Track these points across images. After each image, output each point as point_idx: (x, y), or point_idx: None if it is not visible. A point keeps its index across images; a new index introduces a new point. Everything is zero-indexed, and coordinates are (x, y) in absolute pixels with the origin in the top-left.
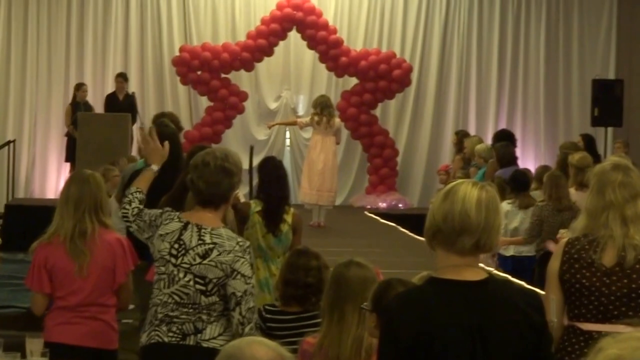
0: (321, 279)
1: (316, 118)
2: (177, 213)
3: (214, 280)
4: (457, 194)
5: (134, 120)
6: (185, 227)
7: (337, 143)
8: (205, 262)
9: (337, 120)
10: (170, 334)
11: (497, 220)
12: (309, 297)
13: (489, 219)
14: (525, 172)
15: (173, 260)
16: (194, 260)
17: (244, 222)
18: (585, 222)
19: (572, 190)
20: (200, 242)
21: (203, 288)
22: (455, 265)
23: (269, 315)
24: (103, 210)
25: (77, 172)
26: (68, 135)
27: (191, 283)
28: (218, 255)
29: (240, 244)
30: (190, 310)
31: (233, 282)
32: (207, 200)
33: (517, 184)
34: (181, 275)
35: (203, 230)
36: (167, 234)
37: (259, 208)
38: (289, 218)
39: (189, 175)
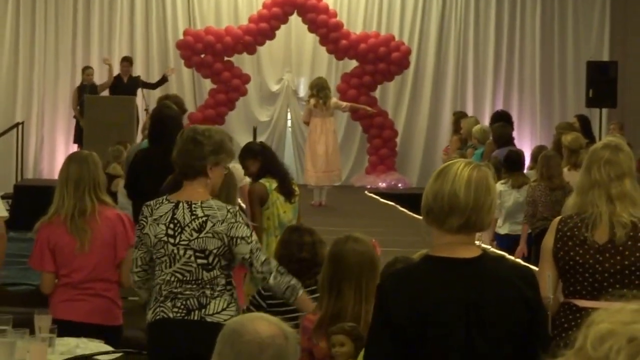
0: (316, 253)
1: (312, 101)
2: (164, 196)
3: (214, 251)
4: (449, 174)
5: (159, 84)
6: (176, 206)
7: (345, 110)
8: (202, 235)
9: (333, 100)
10: (175, 310)
11: (487, 200)
12: (304, 272)
13: (479, 198)
14: (518, 152)
15: (171, 240)
16: (191, 235)
17: (263, 203)
18: (575, 199)
19: (565, 171)
20: (193, 217)
21: (204, 262)
22: (449, 243)
23: (267, 293)
24: (101, 188)
25: (75, 153)
26: (76, 117)
27: (192, 259)
28: (212, 226)
29: (231, 210)
30: (194, 286)
31: (237, 249)
32: (182, 172)
33: (510, 164)
34: (181, 252)
35: (194, 205)
36: (161, 216)
37: (275, 185)
38: (297, 189)
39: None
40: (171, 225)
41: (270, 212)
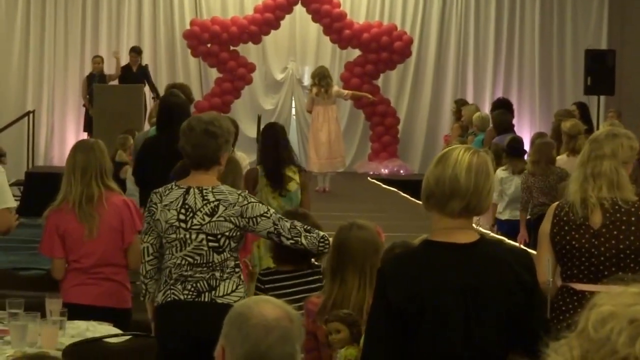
0: None
1: (315, 89)
2: (173, 183)
3: (226, 234)
4: (450, 159)
5: (152, 90)
6: (187, 191)
7: (347, 98)
8: (214, 219)
9: (335, 88)
10: (186, 292)
11: (487, 185)
12: (296, 257)
13: (479, 183)
14: (520, 139)
15: (183, 225)
16: (204, 220)
17: (253, 187)
18: (572, 184)
19: (564, 157)
20: (205, 202)
21: (215, 244)
22: (447, 227)
23: (266, 278)
24: (108, 174)
25: (82, 141)
26: (85, 106)
27: (204, 242)
28: (225, 210)
29: (242, 194)
30: (204, 269)
31: (259, 226)
32: (197, 162)
33: (513, 150)
34: (193, 236)
35: (205, 191)
36: (171, 202)
37: (263, 172)
38: (297, 177)
39: (180, 142)
40: (182, 211)
41: (259, 196)
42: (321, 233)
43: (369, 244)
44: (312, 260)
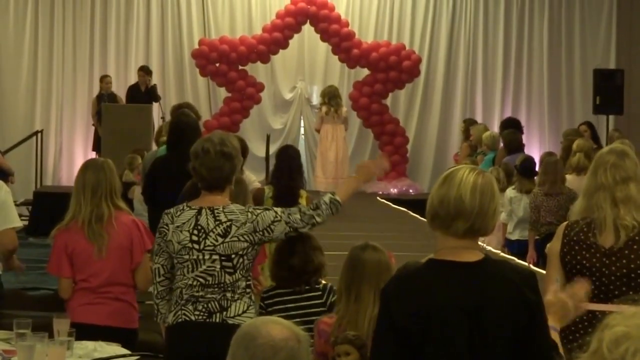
0: (308, 261)
1: (324, 108)
2: (184, 204)
3: (240, 252)
4: (454, 179)
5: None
6: (199, 212)
7: (345, 130)
8: (227, 239)
9: (344, 109)
10: (197, 313)
11: (492, 206)
12: (294, 279)
13: (484, 204)
14: (533, 160)
15: (196, 246)
16: (216, 241)
17: None
18: (582, 203)
19: (569, 176)
20: (217, 222)
21: (228, 264)
22: (452, 247)
23: (266, 295)
24: (117, 194)
25: (91, 160)
26: (95, 125)
27: (216, 263)
28: (237, 229)
29: (250, 210)
30: (216, 290)
31: (275, 233)
32: (212, 185)
33: (524, 170)
34: (206, 257)
35: (216, 211)
36: (183, 223)
37: (272, 194)
38: (303, 201)
39: (190, 163)
40: (195, 232)
41: None
42: (326, 199)
43: (382, 265)
44: (318, 279)
